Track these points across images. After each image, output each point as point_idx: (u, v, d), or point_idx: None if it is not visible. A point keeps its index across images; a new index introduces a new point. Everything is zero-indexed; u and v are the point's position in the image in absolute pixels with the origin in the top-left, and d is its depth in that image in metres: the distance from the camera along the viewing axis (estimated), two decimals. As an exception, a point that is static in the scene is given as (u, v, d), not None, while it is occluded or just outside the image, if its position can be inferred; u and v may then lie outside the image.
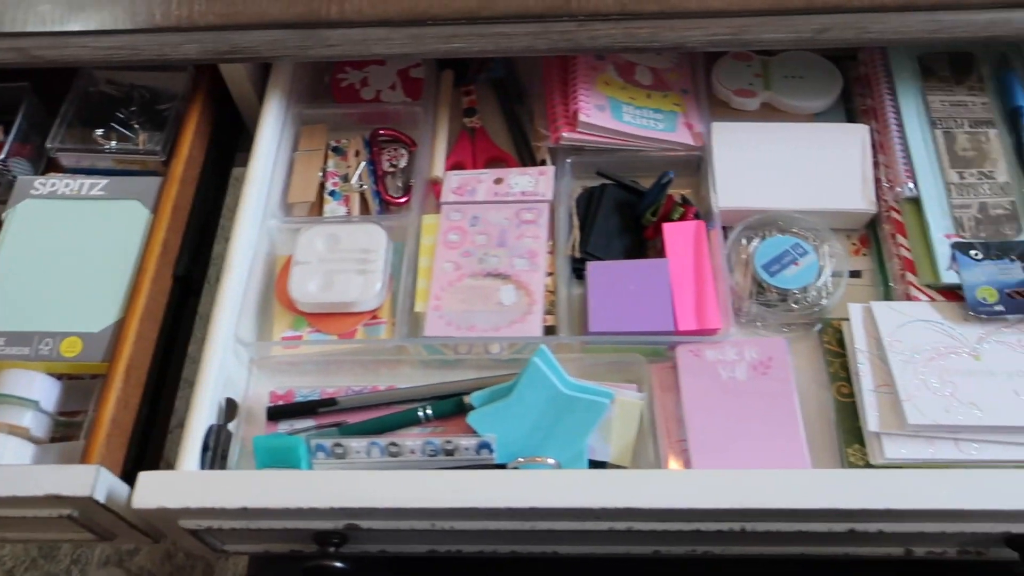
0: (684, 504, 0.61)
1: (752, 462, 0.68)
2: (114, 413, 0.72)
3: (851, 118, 0.89)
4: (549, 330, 0.78)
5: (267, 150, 0.86)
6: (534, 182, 0.85)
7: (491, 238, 0.82)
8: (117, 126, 0.90)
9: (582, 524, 0.65)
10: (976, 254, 0.75)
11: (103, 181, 0.86)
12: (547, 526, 0.65)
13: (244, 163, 0.88)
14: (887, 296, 0.79)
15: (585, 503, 0.62)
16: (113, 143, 0.89)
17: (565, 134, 0.85)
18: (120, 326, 0.77)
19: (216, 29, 0.80)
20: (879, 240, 0.82)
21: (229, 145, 0.96)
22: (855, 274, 0.81)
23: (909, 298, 0.76)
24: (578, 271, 0.82)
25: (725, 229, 0.82)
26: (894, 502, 0.60)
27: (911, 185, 0.79)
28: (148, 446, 0.78)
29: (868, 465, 0.70)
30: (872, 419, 0.69)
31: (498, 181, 0.86)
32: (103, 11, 0.81)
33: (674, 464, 0.71)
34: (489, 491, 0.63)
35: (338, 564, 0.67)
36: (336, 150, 0.91)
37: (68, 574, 1.45)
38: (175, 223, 0.84)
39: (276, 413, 0.77)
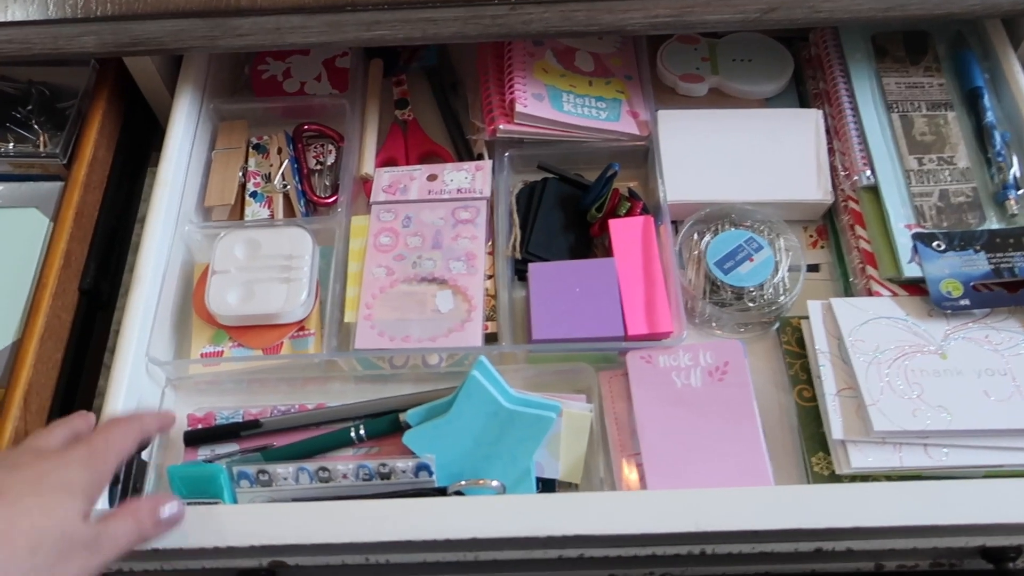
0: (638, 529, 0.57)
1: (711, 478, 0.64)
2: (13, 443, 0.65)
3: (803, 102, 0.85)
4: (490, 338, 0.73)
5: (179, 149, 0.79)
6: (470, 178, 0.79)
7: (425, 240, 0.76)
8: (14, 127, 0.82)
9: (530, 553, 0.60)
10: (939, 245, 0.71)
11: (-2, 188, 0.79)
12: (492, 556, 0.60)
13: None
14: (847, 291, 0.74)
15: (530, 531, 0.57)
16: (10, 146, 0.81)
17: (502, 126, 0.79)
18: (17, 347, 0.70)
19: (115, 19, 0.72)
20: (837, 232, 0.77)
21: (142, 145, 0.88)
22: (813, 268, 0.77)
23: (870, 293, 0.72)
24: (520, 273, 0.76)
25: (674, 224, 0.77)
26: (863, 520, 0.56)
27: (868, 173, 0.75)
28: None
29: (833, 475, 0.65)
30: (836, 426, 0.65)
31: (432, 178, 0.80)
32: (-10, 1, 0.73)
33: (628, 478, 0.66)
34: (425, 522, 0.57)
35: (264, 606, 0.62)
36: (257, 148, 0.84)
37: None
38: (79, 232, 0.77)
39: (194, 438, 0.70)
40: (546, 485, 0.68)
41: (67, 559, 0.49)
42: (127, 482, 0.66)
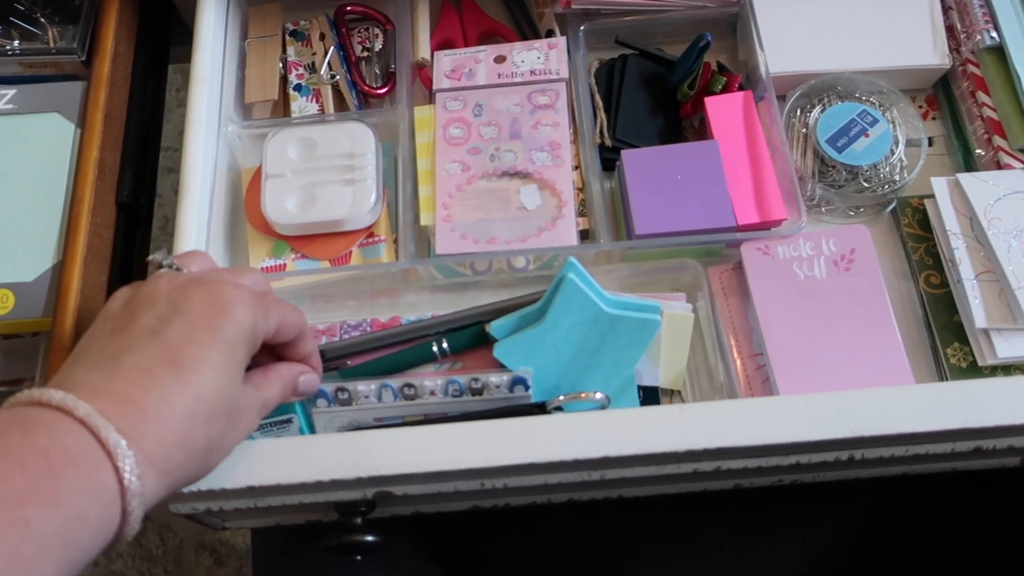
0: (789, 437, 0.51)
1: (846, 377, 0.58)
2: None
3: (904, -43, 0.76)
4: (583, 235, 0.66)
5: (212, 39, 0.70)
6: (543, 58, 0.71)
7: (502, 129, 0.68)
8: (18, 21, 0.72)
9: (660, 469, 0.55)
10: (1077, 109, 0.64)
11: (10, 91, 0.69)
12: (619, 474, 0.55)
13: (181, 59, 0.72)
14: (969, 165, 0.68)
15: (671, 446, 0.51)
16: (16, 43, 0.71)
17: (578, -5, 0.70)
18: (60, 271, 0.62)
19: None
20: (952, 100, 0.70)
21: (162, 37, 0.79)
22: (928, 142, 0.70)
23: (1000, 166, 0.65)
24: (607, 162, 0.69)
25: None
26: (1038, 414, 0.51)
27: (992, 32, 0.67)
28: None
29: (972, 367, 0.60)
30: (978, 314, 0.59)
31: (500, 59, 0.71)
32: None
33: (752, 381, 0.61)
34: (554, 442, 0.52)
35: (370, 538, 0.56)
36: (295, 35, 0.75)
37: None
38: (110, 138, 0.68)
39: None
40: (647, 394, 0.63)
41: (235, 427, 0.48)
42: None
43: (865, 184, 0.66)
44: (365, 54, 0.75)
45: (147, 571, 1.30)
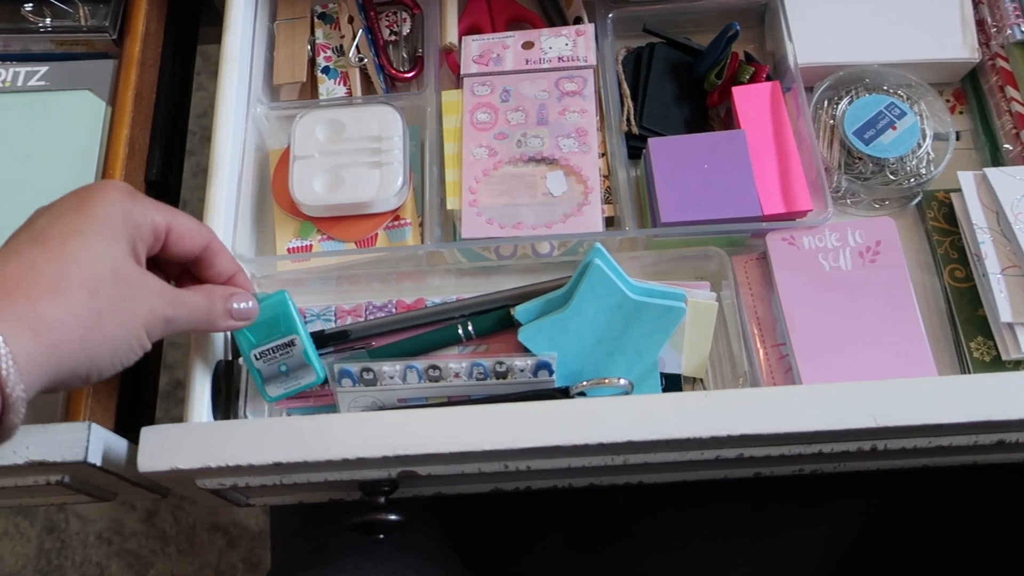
0: (815, 426, 0.51)
1: (869, 369, 0.59)
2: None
3: (934, -51, 0.76)
4: (608, 222, 0.66)
5: (242, 19, 0.70)
6: (572, 44, 0.71)
7: (529, 115, 0.69)
8: (50, -1, 0.73)
9: (683, 455, 0.55)
10: (1107, 105, 0.64)
11: (42, 68, 0.70)
12: (641, 459, 0.55)
13: (209, 40, 0.72)
14: (996, 160, 0.68)
15: (695, 432, 0.52)
16: (47, 20, 0.72)
17: (608, -17, 0.70)
18: (89, 248, 0.63)
19: None
20: (980, 95, 0.70)
21: (191, 18, 0.79)
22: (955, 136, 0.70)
23: (1027, 161, 0.65)
24: (632, 149, 0.69)
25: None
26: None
27: (1022, 27, 0.67)
28: (143, 391, 0.65)
29: (996, 360, 0.60)
30: (1003, 308, 0.59)
31: (527, 46, 0.72)
32: None
33: (774, 371, 0.61)
34: (580, 426, 0.52)
35: (393, 517, 0.57)
36: (323, 17, 0.76)
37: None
38: (140, 116, 0.69)
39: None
40: (669, 381, 0.63)
41: (133, 297, 0.46)
42: (228, 390, 0.61)
43: (891, 177, 0.66)
44: (393, 38, 0.76)
45: (160, 550, 1.32)
